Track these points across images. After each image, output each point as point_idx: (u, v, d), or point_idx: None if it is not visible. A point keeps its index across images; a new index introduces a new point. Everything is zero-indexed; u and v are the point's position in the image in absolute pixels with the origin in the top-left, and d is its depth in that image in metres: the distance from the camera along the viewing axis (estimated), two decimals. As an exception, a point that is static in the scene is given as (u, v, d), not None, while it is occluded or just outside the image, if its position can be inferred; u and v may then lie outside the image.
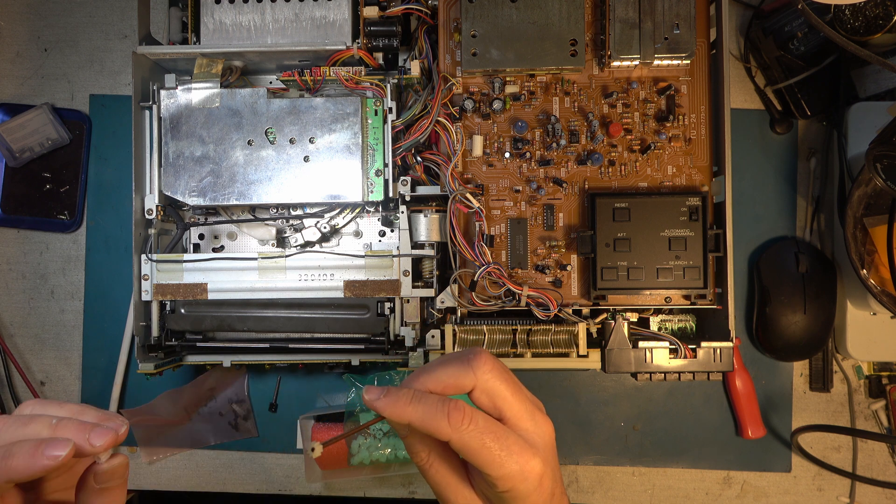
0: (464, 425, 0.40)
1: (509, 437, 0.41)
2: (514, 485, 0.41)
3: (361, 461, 0.68)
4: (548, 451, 0.43)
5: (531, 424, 0.43)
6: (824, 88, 0.71)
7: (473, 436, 0.40)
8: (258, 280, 0.63)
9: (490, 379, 0.42)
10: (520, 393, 0.44)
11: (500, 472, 0.41)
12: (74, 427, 0.39)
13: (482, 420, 0.41)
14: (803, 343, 0.69)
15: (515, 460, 0.41)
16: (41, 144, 0.73)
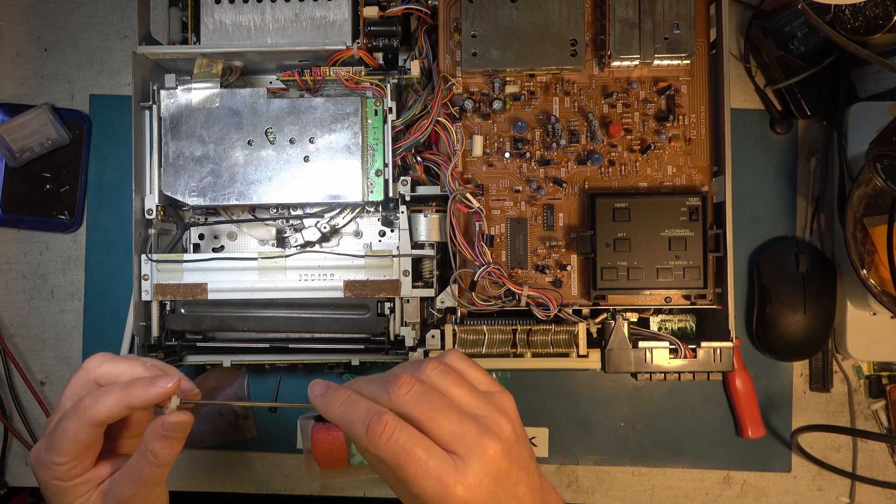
0: (381, 440, 0.39)
1: (430, 458, 0.39)
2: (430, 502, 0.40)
3: (361, 461, 0.68)
4: (482, 476, 0.40)
5: (461, 448, 0.40)
6: (824, 88, 0.71)
7: (388, 453, 0.39)
8: (258, 280, 0.63)
9: (404, 404, 0.41)
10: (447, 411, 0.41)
11: (415, 490, 0.39)
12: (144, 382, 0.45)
13: (404, 437, 0.40)
14: (803, 343, 0.69)
15: (432, 484, 0.39)
16: (41, 144, 0.73)
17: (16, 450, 0.75)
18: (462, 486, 0.39)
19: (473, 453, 0.40)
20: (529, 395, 0.74)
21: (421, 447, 0.40)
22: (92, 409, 0.43)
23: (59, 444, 0.44)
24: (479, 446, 0.41)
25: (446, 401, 0.42)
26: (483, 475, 0.40)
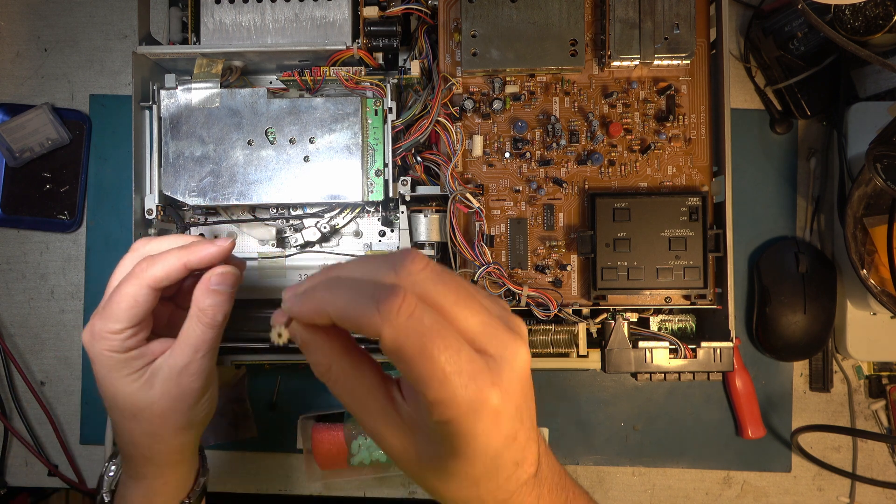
0: (401, 316, 0.29)
1: (462, 349, 0.30)
2: (456, 416, 0.31)
3: (361, 461, 0.68)
4: (514, 383, 0.32)
5: (494, 345, 0.32)
6: (824, 88, 0.71)
7: (412, 335, 0.29)
8: (258, 280, 0.63)
9: (418, 287, 0.31)
10: (468, 300, 0.32)
11: (439, 394, 0.30)
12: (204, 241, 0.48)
13: (429, 317, 0.30)
14: (803, 343, 0.69)
15: (465, 384, 0.30)
16: (41, 144, 0.73)
17: (16, 450, 0.75)
18: (498, 391, 0.31)
19: (507, 354, 0.32)
20: (529, 395, 0.74)
21: (453, 335, 0.30)
22: (150, 270, 0.45)
23: (117, 311, 0.45)
24: (511, 346, 0.33)
25: (467, 289, 0.33)
26: (515, 382, 0.32)
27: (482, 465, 0.33)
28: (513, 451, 0.34)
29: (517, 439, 0.34)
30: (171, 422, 0.47)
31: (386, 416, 0.34)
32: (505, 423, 0.32)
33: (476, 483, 0.34)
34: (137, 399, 0.46)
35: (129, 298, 0.45)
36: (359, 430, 0.68)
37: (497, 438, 0.32)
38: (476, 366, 0.31)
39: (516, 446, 0.34)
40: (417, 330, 0.29)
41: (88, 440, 0.75)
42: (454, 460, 0.33)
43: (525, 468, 0.35)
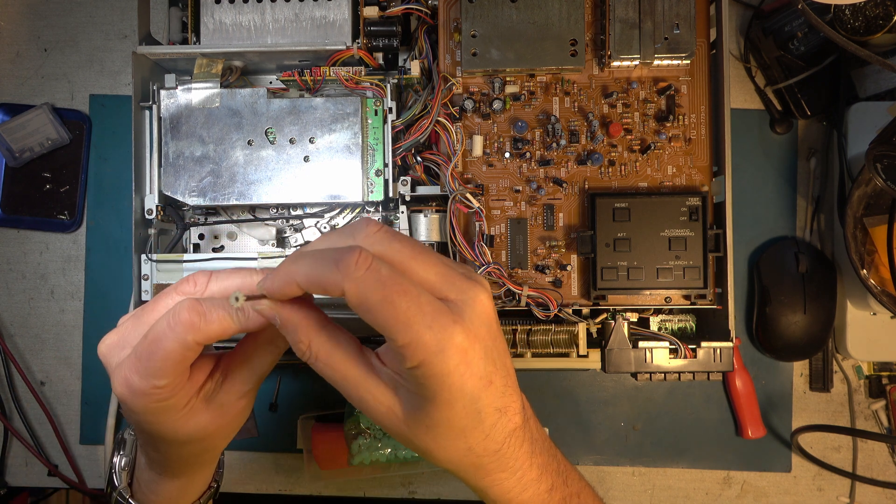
0: (359, 270, 0.31)
1: (422, 294, 0.32)
2: (425, 357, 0.32)
3: (361, 461, 0.68)
4: (477, 323, 0.34)
5: (454, 292, 0.34)
6: (824, 88, 0.71)
7: (372, 285, 0.31)
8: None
9: (377, 243, 0.34)
10: (428, 255, 0.34)
11: (406, 336, 0.32)
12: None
13: (385, 269, 0.32)
14: (803, 343, 0.69)
15: (427, 323, 0.32)
16: (41, 144, 0.73)
17: (16, 450, 0.75)
18: (461, 328, 0.33)
19: (466, 299, 0.34)
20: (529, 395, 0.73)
21: (409, 282, 0.32)
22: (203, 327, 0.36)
23: (161, 367, 0.37)
24: (470, 291, 0.34)
25: (423, 247, 0.35)
26: (478, 323, 0.34)
27: (463, 410, 0.35)
28: (491, 396, 0.35)
29: (493, 382, 0.35)
30: (222, 438, 0.45)
31: (368, 381, 0.36)
32: (475, 362, 0.34)
33: (463, 433, 0.36)
34: (189, 430, 0.42)
35: (174, 356, 0.37)
36: (359, 430, 0.68)
37: (470, 379, 0.34)
38: (437, 307, 0.33)
39: (493, 390, 0.35)
40: (377, 280, 0.31)
41: (88, 440, 0.75)
42: (435, 407, 0.34)
43: (510, 416, 0.37)
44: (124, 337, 0.40)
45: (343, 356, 0.36)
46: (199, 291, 0.40)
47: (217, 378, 0.42)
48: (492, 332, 0.35)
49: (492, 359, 0.35)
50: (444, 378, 0.33)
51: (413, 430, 0.36)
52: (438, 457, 0.37)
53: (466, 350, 0.33)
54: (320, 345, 0.36)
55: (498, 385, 0.36)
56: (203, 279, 0.40)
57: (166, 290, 0.41)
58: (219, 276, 0.40)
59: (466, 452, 0.37)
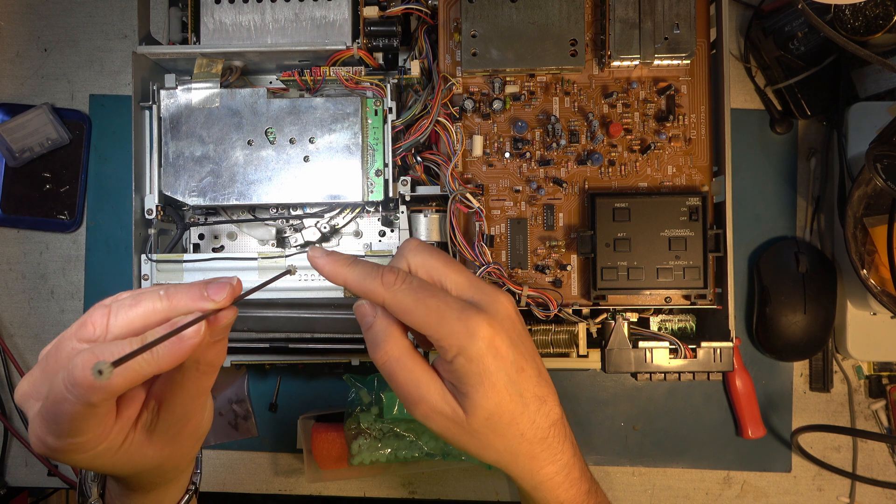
0: (397, 284, 0.39)
1: (448, 296, 0.40)
2: (460, 343, 0.38)
3: (361, 461, 0.68)
4: (501, 317, 0.40)
5: (476, 294, 0.40)
6: (824, 88, 0.71)
7: (407, 293, 0.39)
8: (258, 280, 0.63)
9: (418, 255, 0.41)
10: (455, 264, 0.42)
11: (441, 329, 0.38)
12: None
13: (417, 280, 0.40)
14: (803, 343, 0.69)
15: (457, 316, 0.38)
16: (41, 144, 0.73)
17: (16, 450, 0.75)
18: (486, 320, 0.39)
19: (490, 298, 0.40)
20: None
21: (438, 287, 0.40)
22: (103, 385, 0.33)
23: (70, 428, 0.34)
24: (493, 295, 0.41)
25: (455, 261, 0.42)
26: (502, 318, 0.40)
27: (506, 391, 0.40)
28: (527, 382, 0.41)
29: (524, 370, 0.41)
30: (183, 456, 0.43)
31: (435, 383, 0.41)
32: (503, 348, 0.39)
33: (514, 419, 0.41)
34: (137, 464, 0.39)
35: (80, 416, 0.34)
36: (359, 430, 0.68)
37: (502, 362, 0.39)
38: (463, 304, 0.39)
39: (526, 377, 0.41)
40: (410, 288, 0.39)
41: (88, 440, 0.75)
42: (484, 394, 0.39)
43: (550, 406, 0.42)
44: (35, 386, 0.37)
45: (418, 362, 0.41)
46: (99, 335, 0.36)
47: (152, 406, 0.39)
48: (516, 328, 0.41)
49: (519, 350, 0.40)
50: (478, 361, 0.39)
51: (474, 426, 0.40)
52: (498, 446, 0.41)
53: (493, 337, 0.39)
54: (402, 349, 0.41)
55: (530, 374, 0.41)
56: (101, 319, 0.36)
57: (66, 331, 0.36)
58: (118, 310, 0.36)
59: (520, 439, 0.41)
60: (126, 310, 0.36)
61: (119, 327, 0.36)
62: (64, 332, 0.37)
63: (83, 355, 0.33)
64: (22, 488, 0.77)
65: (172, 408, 0.39)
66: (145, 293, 0.36)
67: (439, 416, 0.41)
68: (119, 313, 0.36)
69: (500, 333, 0.39)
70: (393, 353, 0.41)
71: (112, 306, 0.36)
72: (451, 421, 0.41)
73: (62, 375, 0.33)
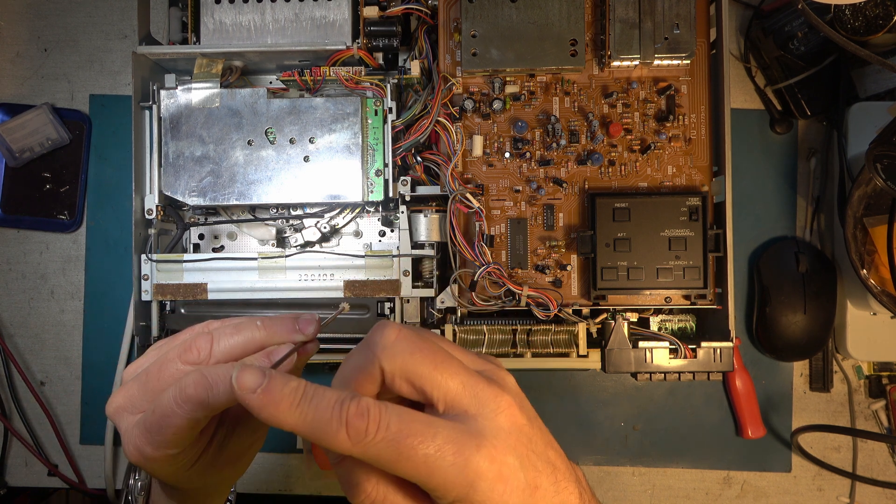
0: (369, 435, 0.30)
1: (437, 433, 0.31)
2: (459, 493, 0.31)
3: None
4: (502, 436, 0.32)
5: (474, 405, 0.33)
6: (824, 88, 0.71)
7: (385, 446, 0.30)
8: (258, 280, 0.63)
9: (397, 357, 0.32)
10: (445, 365, 0.33)
11: (433, 481, 0.31)
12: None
13: (395, 422, 0.30)
14: (803, 343, 0.69)
15: (451, 462, 0.30)
16: (41, 144, 0.73)
17: (16, 450, 0.75)
18: (485, 453, 0.31)
19: (487, 412, 0.33)
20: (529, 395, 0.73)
21: (421, 423, 0.31)
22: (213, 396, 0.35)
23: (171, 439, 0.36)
24: (492, 402, 0.33)
25: (443, 351, 0.34)
26: (506, 434, 0.33)
27: None
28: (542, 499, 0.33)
29: (539, 487, 0.33)
30: (237, 474, 0.45)
31: None
32: (511, 476, 0.32)
33: None
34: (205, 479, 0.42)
35: (185, 430, 0.36)
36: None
37: (512, 495, 0.32)
38: (456, 436, 0.31)
39: (542, 494, 0.34)
40: (387, 439, 0.30)
41: (88, 440, 0.75)
42: None
43: None
44: (131, 401, 0.40)
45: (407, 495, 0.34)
46: (203, 359, 0.38)
47: (227, 427, 0.42)
48: (523, 438, 0.34)
49: (531, 464, 0.33)
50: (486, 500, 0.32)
51: None
52: None
53: (498, 470, 0.32)
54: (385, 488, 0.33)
55: (546, 486, 0.34)
56: (206, 345, 0.38)
57: (168, 353, 0.39)
58: (220, 337, 0.38)
59: None
60: (228, 337, 0.38)
61: (222, 353, 0.38)
62: (165, 353, 0.39)
63: (194, 375, 0.35)
64: (22, 488, 0.77)
65: (245, 430, 0.42)
66: (244, 324, 0.39)
67: None
68: (222, 340, 0.38)
69: (506, 460, 0.32)
70: (376, 497, 0.33)
71: (214, 333, 0.39)
72: None
73: (172, 392, 0.35)
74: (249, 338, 0.39)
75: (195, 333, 0.39)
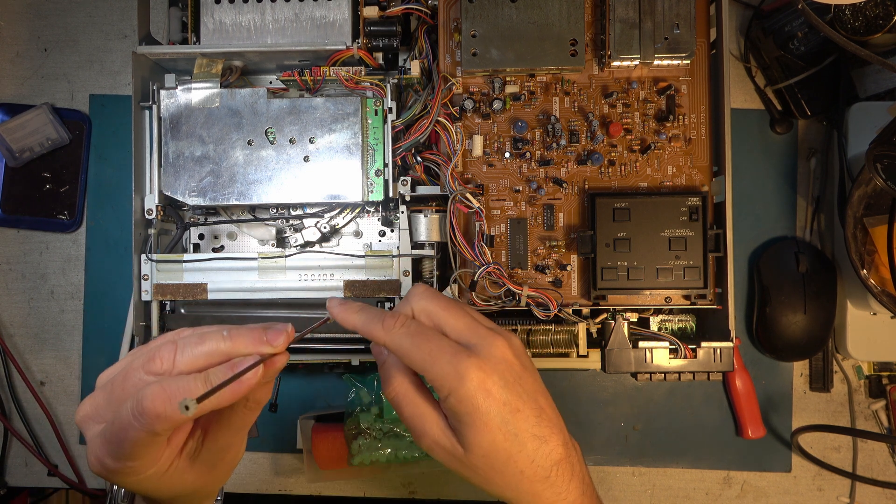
0: (395, 328, 0.42)
1: (443, 340, 0.41)
2: (451, 385, 0.40)
3: (361, 461, 0.68)
4: (495, 360, 0.41)
5: (473, 337, 0.42)
6: (824, 88, 0.71)
7: (404, 336, 0.41)
8: (258, 280, 0.63)
9: (420, 300, 0.44)
10: (455, 309, 0.43)
11: (433, 371, 0.40)
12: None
13: (415, 324, 0.42)
14: (803, 343, 0.69)
15: (448, 359, 0.40)
16: (41, 144, 0.73)
17: (16, 450, 0.75)
18: (475, 362, 0.40)
19: (484, 342, 0.42)
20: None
21: (433, 331, 0.42)
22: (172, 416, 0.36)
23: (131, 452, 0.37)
24: (489, 338, 0.42)
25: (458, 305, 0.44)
26: (496, 360, 0.41)
27: (499, 432, 0.41)
28: (523, 422, 0.41)
29: (520, 410, 0.41)
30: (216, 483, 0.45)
31: (437, 420, 0.43)
32: (494, 389, 0.41)
33: (511, 457, 0.41)
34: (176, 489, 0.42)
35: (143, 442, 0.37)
36: (359, 430, 0.68)
37: (494, 403, 0.41)
38: (456, 348, 0.41)
39: (523, 417, 0.41)
40: (407, 332, 0.42)
41: (88, 440, 0.75)
42: (477, 433, 0.41)
43: (552, 446, 0.43)
44: (97, 410, 0.40)
45: (422, 399, 0.44)
46: (166, 369, 0.38)
47: (198, 436, 0.42)
48: (513, 370, 0.42)
49: (514, 391, 0.41)
50: (469, 401, 0.40)
51: (472, 462, 0.42)
52: (498, 482, 0.43)
53: (483, 379, 0.40)
54: (407, 388, 0.44)
55: (527, 414, 0.42)
56: (169, 355, 0.38)
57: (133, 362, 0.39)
58: (184, 347, 0.39)
59: (520, 477, 0.42)
60: (192, 347, 0.39)
61: (185, 363, 0.38)
62: (130, 362, 0.40)
63: (152, 388, 0.36)
64: (22, 488, 0.77)
65: (216, 439, 0.42)
66: (210, 333, 0.39)
67: (441, 449, 0.43)
68: (185, 350, 0.39)
69: (492, 376, 0.41)
70: (399, 389, 0.44)
71: (178, 343, 0.39)
72: (452, 455, 0.43)
73: (130, 404, 0.36)
74: (213, 348, 0.39)
75: (160, 343, 0.40)
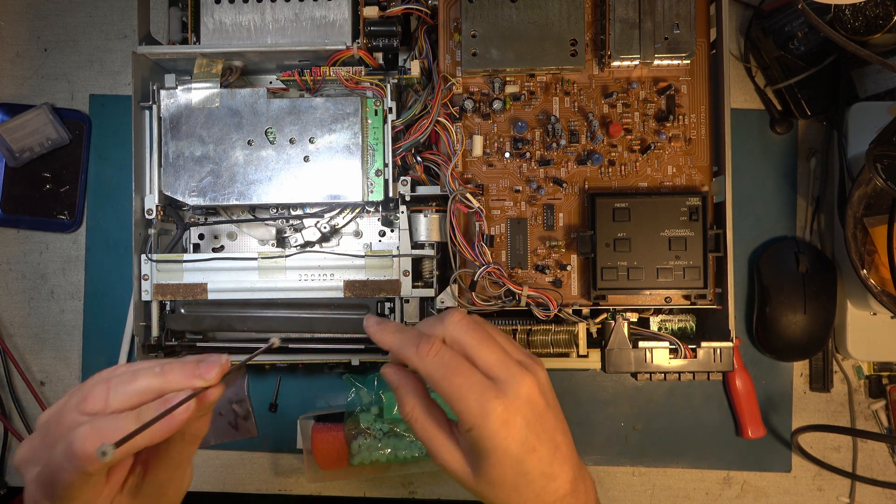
0: (430, 356, 0.43)
1: (473, 375, 0.42)
2: (474, 421, 0.41)
3: (361, 461, 0.68)
4: (519, 400, 0.42)
5: (503, 373, 0.43)
6: (824, 88, 0.71)
7: (436, 366, 0.42)
8: (258, 280, 0.63)
9: (455, 330, 0.44)
10: (489, 343, 0.44)
11: (459, 405, 0.41)
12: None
13: (449, 355, 0.43)
14: (803, 343, 0.69)
15: (475, 397, 0.41)
16: (41, 144, 0.73)
17: (16, 450, 0.75)
18: (502, 402, 0.41)
19: (513, 380, 0.42)
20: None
21: (465, 365, 0.43)
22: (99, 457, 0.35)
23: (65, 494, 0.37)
24: (518, 375, 0.43)
25: (491, 337, 0.45)
26: (521, 401, 0.42)
27: (510, 468, 0.42)
28: (536, 462, 0.43)
29: (536, 450, 0.43)
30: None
31: (448, 444, 0.45)
32: (515, 429, 0.41)
33: (516, 489, 0.43)
34: None
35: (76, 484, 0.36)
36: (359, 430, 0.68)
37: (512, 442, 0.42)
38: (485, 384, 0.42)
39: (537, 457, 0.43)
40: (440, 363, 0.42)
41: (88, 440, 0.75)
42: (489, 465, 0.42)
43: (559, 483, 0.44)
44: (34, 452, 0.40)
45: (434, 423, 0.45)
46: (100, 409, 0.38)
47: (138, 471, 0.42)
48: (536, 409, 0.43)
49: (535, 430, 0.42)
50: (489, 439, 0.41)
51: (480, 486, 0.44)
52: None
53: (507, 419, 0.41)
54: (421, 411, 0.45)
55: (542, 453, 0.43)
56: (102, 394, 0.38)
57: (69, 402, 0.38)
58: (117, 385, 0.39)
59: None
60: (124, 385, 0.39)
61: (118, 402, 0.38)
62: (65, 403, 0.39)
63: (83, 429, 0.36)
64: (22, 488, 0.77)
65: (157, 473, 0.42)
66: (142, 370, 0.40)
67: (450, 469, 0.45)
68: (118, 389, 0.39)
69: (515, 416, 0.42)
70: (413, 414, 0.45)
71: (111, 381, 0.39)
72: (462, 476, 0.45)
73: (61, 446, 0.36)
74: (146, 385, 0.39)
75: (94, 382, 0.40)
